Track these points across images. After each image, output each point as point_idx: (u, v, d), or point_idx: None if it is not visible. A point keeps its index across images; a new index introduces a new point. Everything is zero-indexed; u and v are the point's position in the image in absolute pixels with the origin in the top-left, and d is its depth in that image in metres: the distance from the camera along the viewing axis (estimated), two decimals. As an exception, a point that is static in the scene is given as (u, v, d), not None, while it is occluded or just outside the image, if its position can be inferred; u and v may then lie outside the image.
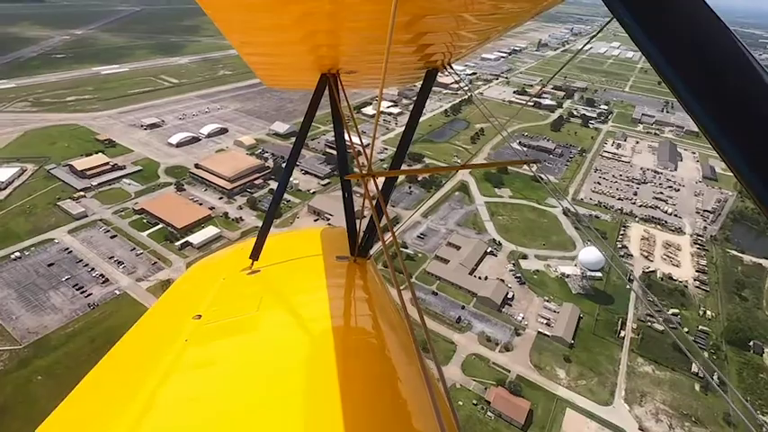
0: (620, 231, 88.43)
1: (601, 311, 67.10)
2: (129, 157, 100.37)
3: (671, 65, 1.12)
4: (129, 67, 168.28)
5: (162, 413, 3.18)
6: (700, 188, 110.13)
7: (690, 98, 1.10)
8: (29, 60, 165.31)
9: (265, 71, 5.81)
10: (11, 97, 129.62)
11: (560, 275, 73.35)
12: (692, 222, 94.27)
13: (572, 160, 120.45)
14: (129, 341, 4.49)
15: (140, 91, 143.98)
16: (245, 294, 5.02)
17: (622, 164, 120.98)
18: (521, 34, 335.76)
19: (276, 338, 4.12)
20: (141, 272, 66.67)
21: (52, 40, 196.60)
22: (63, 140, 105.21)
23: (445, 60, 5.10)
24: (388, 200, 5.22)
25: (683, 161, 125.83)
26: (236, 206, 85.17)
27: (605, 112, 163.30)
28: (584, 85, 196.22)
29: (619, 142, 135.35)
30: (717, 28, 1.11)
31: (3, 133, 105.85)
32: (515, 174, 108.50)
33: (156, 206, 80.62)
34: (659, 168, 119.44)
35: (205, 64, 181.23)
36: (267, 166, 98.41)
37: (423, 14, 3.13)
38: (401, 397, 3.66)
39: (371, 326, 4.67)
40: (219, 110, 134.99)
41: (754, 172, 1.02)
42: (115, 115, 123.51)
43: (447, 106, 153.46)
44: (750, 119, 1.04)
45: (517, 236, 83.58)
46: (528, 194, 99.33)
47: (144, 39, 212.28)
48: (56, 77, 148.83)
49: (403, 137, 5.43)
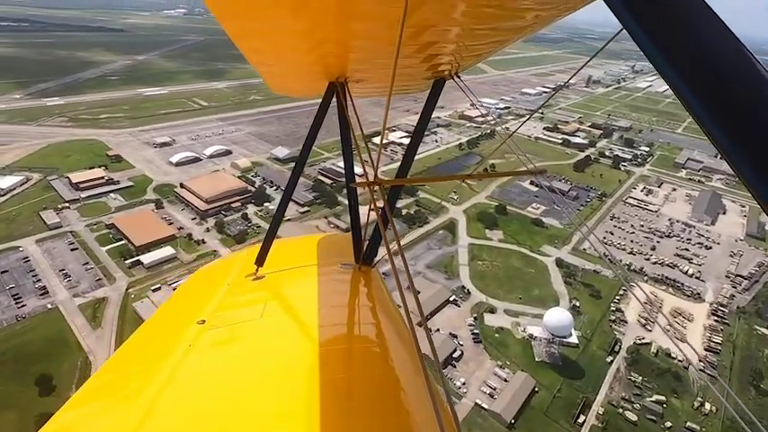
0: (620, 291, 76.14)
1: (563, 387, 56.41)
2: (128, 173, 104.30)
3: (679, 74, 1.14)
4: (169, 89, 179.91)
5: (165, 417, 3.22)
6: (739, 248, 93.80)
7: (698, 107, 1.11)
8: (85, 81, 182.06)
9: (274, 78, 5.78)
10: (54, 113, 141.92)
11: (527, 337, 63.45)
12: (716, 288, 79.46)
13: (588, 204, 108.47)
14: (134, 344, 4.70)
15: (168, 111, 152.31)
16: (249, 300, 5.11)
17: (648, 213, 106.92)
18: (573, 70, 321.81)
19: (280, 345, 4.17)
20: (82, 287, 66.40)
21: (114, 65, 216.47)
22: (77, 154, 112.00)
23: (452, 70, 5.13)
24: (394, 208, 5.15)
25: (725, 214, 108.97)
26: (204, 228, 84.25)
27: (645, 154, 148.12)
28: (629, 125, 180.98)
29: (650, 188, 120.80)
30: (725, 37, 1.12)
31: (29, 145, 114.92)
32: (515, 215, 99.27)
33: (126, 222, 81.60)
34: (692, 221, 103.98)
35: (240, 89, 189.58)
36: (249, 189, 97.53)
37: (431, 25, 3.22)
38: (404, 405, 3.72)
39: (375, 334, 4.71)
40: (234, 132, 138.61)
41: (760, 177, 1.03)
42: (136, 133, 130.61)
43: (465, 140, 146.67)
44: (757, 124, 1.05)
45: (492, 285, 74.49)
46: (522, 239, 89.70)
47: (194, 65, 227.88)
48: (100, 97, 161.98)
49: (409, 145, 5.66)
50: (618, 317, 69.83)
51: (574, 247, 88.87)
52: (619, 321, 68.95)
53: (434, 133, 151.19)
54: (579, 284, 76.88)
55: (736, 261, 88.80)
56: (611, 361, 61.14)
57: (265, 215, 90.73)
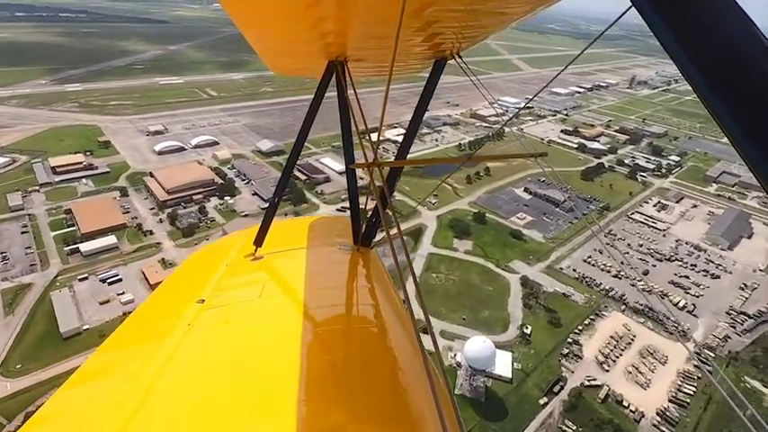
0: (587, 320, 66.47)
1: (475, 429, 48.97)
2: (110, 159, 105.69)
3: (691, 57, 1.08)
4: (185, 79, 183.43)
5: (163, 396, 3.21)
6: (755, 279, 79.95)
7: (709, 93, 1.05)
8: (111, 69, 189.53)
9: (271, 57, 5.68)
10: (70, 98, 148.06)
11: (455, 365, 56.26)
12: (709, 326, 67.65)
13: (583, 218, 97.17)
14: (133, 323, 4.66)
15: (174, 101, 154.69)
16: (248, 280, 5.05)
17: (654, 231, 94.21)
18: (621, 70, 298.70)
19: (278, 325, 4.15)
20: (14, 271, 66.48)
21: (146, 54, 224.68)
22: (71, 139, 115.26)
23: (454, 50, 5.02)
24: (393, 190, 5.00)
25: (750, 239, 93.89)
26: (158, 219, 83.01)
27: (673, 164, 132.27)
28: (663, 131, 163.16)
29: (666, 203, 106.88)
30: (738, 18, 1.05)
31: (32, 128, 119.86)
32: (495, 224, 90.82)
33: (81, 208, 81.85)
34: (705, 243, 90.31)
35: (255, 80, 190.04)
36: (217, 182, 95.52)
37: (433, 3, 3.16)
38: (401, 384, 3.70)
39: (373, 314, 4.67)
40: (230, 123, 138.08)
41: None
42: (135, 120, 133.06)
43: (468, 139, 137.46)
44: (765, 109, 1.00)
45: (437, 302, 67.30)
46: (492, 252, 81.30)
47: (220, 56, 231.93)
48: (118, 84, 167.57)
49: (409, 127, 5.58)
50: (573, 350, 60.63)
51: (549, 265, 79.36)
52: (572, 356, 59.80)
53: (438, 132, 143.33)
54: (540, 308, 67.93)
55: (746, 295, 75.49)
56: (546, 403, 52.68)
57: (224, 209, 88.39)
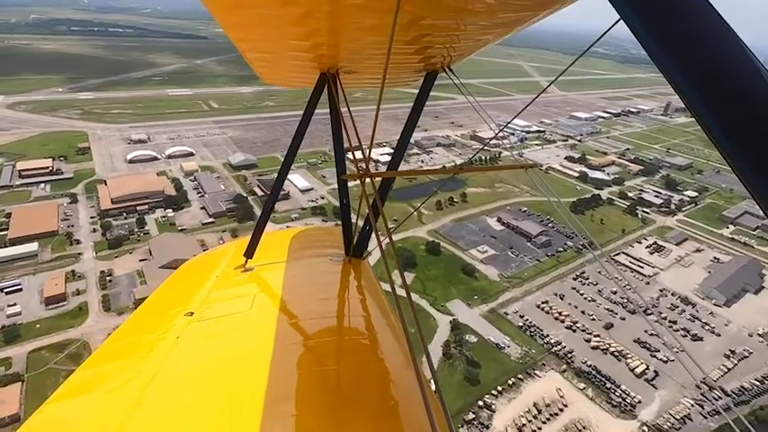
0: (513, 379, 56.33)
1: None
2: (79, 166, 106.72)
3: (676, 65, 1.13)
4: (194, 91, 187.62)
5: (152, 409, 3.16)
6: (749, 346, 66.15)
7: (693, 98, 1.10)
8: (130, 80, 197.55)
9: (264, 68, 5.62)
10: (76, 106, 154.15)
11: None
12: (668, 401, 55.62)
13: (556, 256, 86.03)
14: (121, 337, 4.54)
15: (172, 111, 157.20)
16: (238, 292, 5.03)
17: (637, 277, 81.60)
18: (660, 96, 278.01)
19: (269, 338, 4.04)
20: (-76, 274, 66.14)
21: (170, 67, 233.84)
22: (54, 144, 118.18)
23: (445, 63, 5.08)
24: (385, 200, 5.00)
25: (756, 294, 79.05)
26: (93, 228, 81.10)
27: (687, 200, 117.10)
28: (688, 162, 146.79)
29: (664, 244, 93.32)
30: (722, 30, 1.11)
31: (25, 132, 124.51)
32: (450, 256, 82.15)
33: (21, 213, 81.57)
34: (697, 296, 76.73)
35: (260, 94, 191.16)
36: (166, 193, 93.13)
37: (424, 16, 3.17)
38: (393, 395, 3.67)
39: (365, 325, 4.65)
40: (216, 135, 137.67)
41: (756, 172, 1.01)
42: (124, 129, 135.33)
43: (459, 161, 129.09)
44: (753, 119, 1.04)
45: (344, 342, 59.66)
46: (432, 288, 72.70)
47: (239, 70, 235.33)
48: (127, 94, 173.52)
49: (401, 138, 5.63)
50: (480, 417, 50.93)
51: (494, 308, 69.54)
52: (477, 424, 50.12)
53: (428, 153, 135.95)
54: (462, 359, 58.60)
55: (730, 365, 62.11)
56: None
57: (164, 222, 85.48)
